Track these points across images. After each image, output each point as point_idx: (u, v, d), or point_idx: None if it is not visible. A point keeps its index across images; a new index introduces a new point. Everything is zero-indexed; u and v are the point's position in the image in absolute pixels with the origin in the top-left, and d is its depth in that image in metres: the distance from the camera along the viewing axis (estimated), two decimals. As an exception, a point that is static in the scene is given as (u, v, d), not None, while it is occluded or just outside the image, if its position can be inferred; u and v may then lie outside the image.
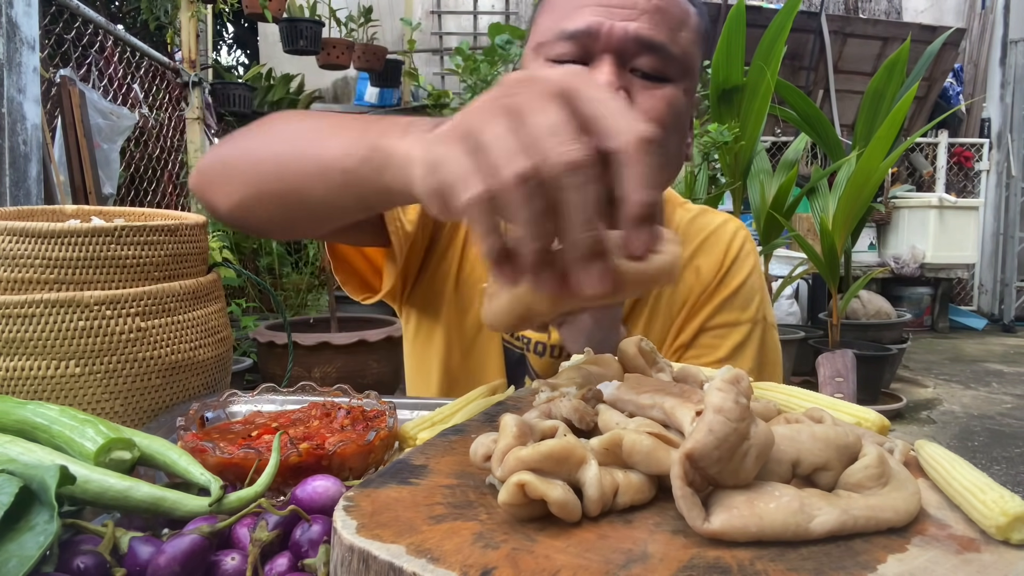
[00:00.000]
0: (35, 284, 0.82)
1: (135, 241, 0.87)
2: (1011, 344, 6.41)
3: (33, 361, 0.81)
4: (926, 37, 5.95)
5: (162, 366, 0.87)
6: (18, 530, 0.48)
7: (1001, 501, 0.44)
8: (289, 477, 0.61)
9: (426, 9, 6.51)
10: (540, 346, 1.03)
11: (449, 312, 1.06)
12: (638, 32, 0.82)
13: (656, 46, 0.82)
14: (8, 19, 2.32)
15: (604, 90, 0.47)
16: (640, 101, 0.83)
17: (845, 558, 0.41)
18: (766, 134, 5.80)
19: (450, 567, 0.38)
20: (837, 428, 0.49)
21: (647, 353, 0.63)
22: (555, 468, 0.44)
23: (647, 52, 0.82)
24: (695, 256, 1.05)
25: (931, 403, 4.55)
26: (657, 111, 0.83)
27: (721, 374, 0.45)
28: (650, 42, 0.82)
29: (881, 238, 6.79)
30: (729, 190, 4.10)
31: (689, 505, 0.42)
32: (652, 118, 0.82)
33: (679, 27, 0.85)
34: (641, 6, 0.83)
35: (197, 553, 0.49)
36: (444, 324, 1.06)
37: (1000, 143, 7.27)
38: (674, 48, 0.84)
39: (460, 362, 1.07)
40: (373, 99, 5.99)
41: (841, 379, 1.16)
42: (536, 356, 1.04)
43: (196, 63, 4.09)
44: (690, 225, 1.07)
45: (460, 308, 1.06)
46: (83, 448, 0.60)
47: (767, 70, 3.70)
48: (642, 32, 0.82)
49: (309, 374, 3.48)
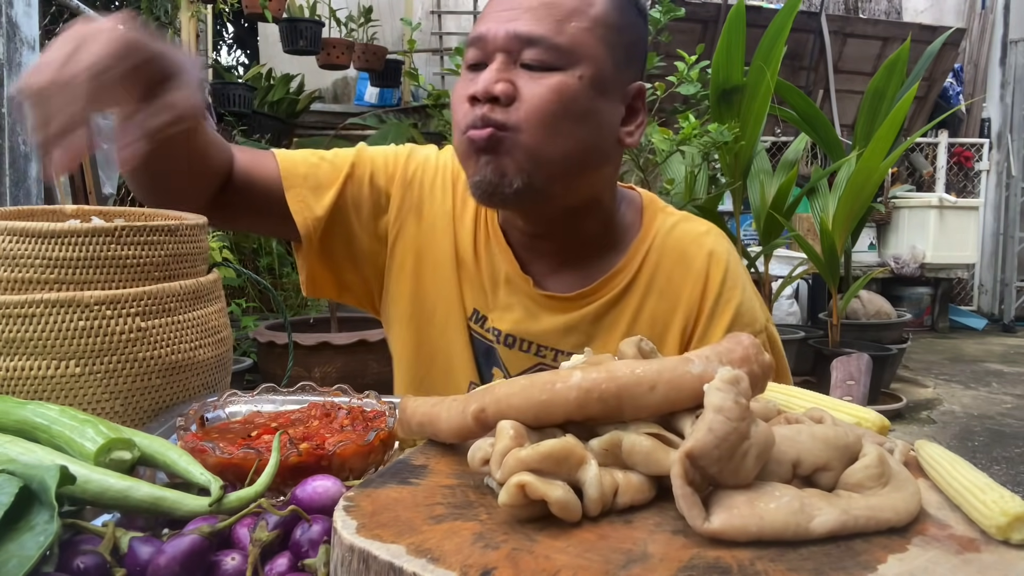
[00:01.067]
0: (35, 284, 0.82)
1: (135, 241, 0.87)
2: (1011, 344, 6.41)
3: (33, 361, 0.81)
4: (926, 37, 5.95)
5: (162, 366, 0.87)
6: (18, 530, 0.48)
7: (1001, 501, 0.44)
8: (289, 477, 0.61)
9: (426, 9, 6.50)
10: (510, 338, 1.04)
11: (413, 303, 1.08)
12: (516, 30, 0.90)
13: (534, 39, 0.89)
14: (8, 19, 2.32)
15: (68, 42, 0.72)
16: (526, 91, 0.90)
17: (845, 558, 0.41)
18: (766, 134, 5.78)
19: (450, 567, 0.38)
20: (837, 428, 0.49)
21: (647, 353, 0.63)
22: (555, 468, 0.45)
23: (528, 46, 0.90)
24: (673, 269, 1.04)
25: (931, 403, 4.55)
26: (540, 98, 0.89)
27: (721, 374, 0.45)
28: (528, 36, 0.89)
29: (881, 238, 6.79)
30: (729, 190, 4.10)
31: (689, 505, 0.42)
32: (535, 105, 0.89)
33: (567, 17, 0.90)
34: (525, 5, 0.90)
35: (197, 553, 0.49)
36: (409, 314, 1.09)
37: (1000, 143, 7.27)
38: (558, 38, 0.89)
39: (431, 351, 1.09)
40: (373, 99, 5.99)
41: (852, 382, 1.15)
42: (505, 348, 1.05)
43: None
44: (668, 235, 1.06)
45: (425, 298, 1.08)
46: (83, 448, 0.59)
47: (767, 70, 3.70)
48: (519, 29, 0.89)
49: (309, 374, 3.48)
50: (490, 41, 0.91)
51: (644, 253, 1.04)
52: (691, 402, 0.48)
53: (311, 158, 1.07)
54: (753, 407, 0.49)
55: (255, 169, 1.04)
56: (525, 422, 0.48)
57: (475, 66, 0.93)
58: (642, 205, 1.09)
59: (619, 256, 1.04)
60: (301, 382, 0.84)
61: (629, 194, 1.11)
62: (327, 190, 1.05)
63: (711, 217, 4.06)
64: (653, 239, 1.05)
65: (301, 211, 1.04)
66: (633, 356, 0.62)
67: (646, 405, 0.48)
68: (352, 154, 1.08)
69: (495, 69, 0.90)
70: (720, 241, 1.07)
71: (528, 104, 0.89)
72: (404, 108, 5.65)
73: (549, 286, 1.04)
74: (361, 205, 1.07)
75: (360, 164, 1.08)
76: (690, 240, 1.05)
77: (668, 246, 1.05)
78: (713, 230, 1.08)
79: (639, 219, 1.07)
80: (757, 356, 0.54)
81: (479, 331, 1.07)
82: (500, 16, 0.92)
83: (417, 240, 1.08)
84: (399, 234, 1.08)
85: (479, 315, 1.06)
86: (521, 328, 1.03)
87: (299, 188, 1.04)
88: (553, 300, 1.03)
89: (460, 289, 1.07)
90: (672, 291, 1.03)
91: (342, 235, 1.07)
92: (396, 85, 5.66)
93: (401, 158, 1.10)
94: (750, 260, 4.24)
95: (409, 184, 1.09)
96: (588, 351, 0.67)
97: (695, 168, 3.84)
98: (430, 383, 1.09)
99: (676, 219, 1.08)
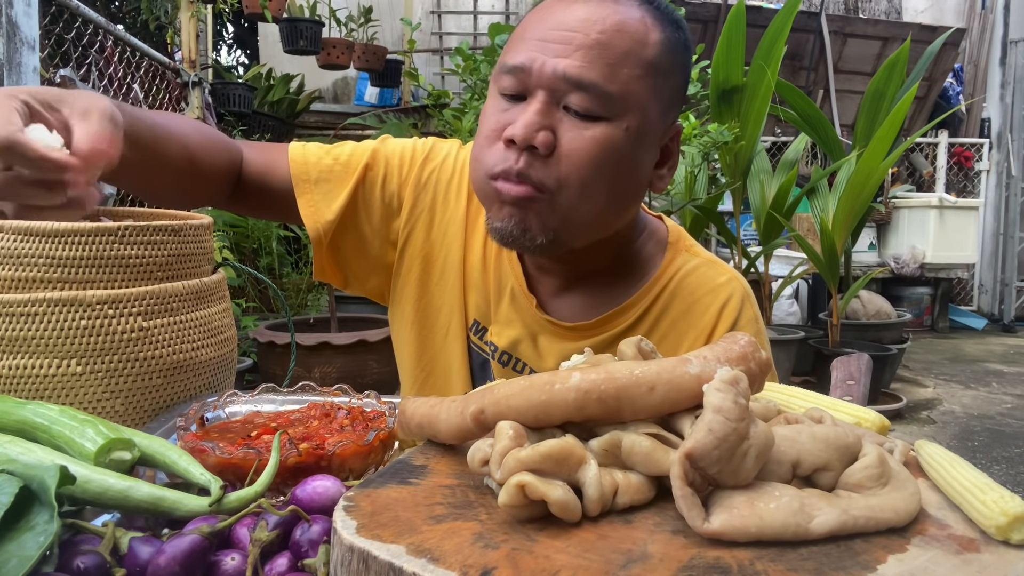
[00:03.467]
0: (38, 283, 0.82)
1: (138, 241, 0.87)
2: (1011, 344, 6.41)
3: (34, 359, 0.81)
4: (926, 37, 5.95)
5: (163, 366, 0.87)
6: (18, 530, 0.48)
7: (1001, 501, 0.44)
8: (289, 477, 0.61)
9: (426, 9, 6.51)
10: (505, 356, 1.02)
11: (418, 308, 1.07)
12: (566, 71, 0.81)
13: (585, 84, 0.81)
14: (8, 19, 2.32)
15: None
16: (566, 140, 0.82)
17: (845, 558, 0.41)
18: (766, 134, 5.79)
19: (450, 567, 0.38)
20: (837, 428, 0.49)
21: (647, 353, 0.63)
22: (554, 469, 0.45)
23: (576, 90, 0.81)
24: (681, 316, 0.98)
25: (931, 403, 4.55)
26: (584, 152, 0.82)
27: (720, 374, 0.45)
28: (578, 81, 0.81)
29: (881, 238, 6.79)
30: (729, 190, 4.10)
31: (689, 505, 0.42)
32: (577, 161, 0.82)
33: (621, 62, 0.82)
34: (578, 41, 0.82)
35: (197, 553, 0.49)
36: (414, 319, 1.07)
37: (1000, 143, 7.27)
38: (609, 86, 0.81)
39: (431, 357, 1.07)
40: (373, 99, 5.99)
41: (853, 382, 1.15)
42: (499, 365, 1.03)
43: (196, 63, 4.09)
44: (685, 278, 0.99)
45: (430, 304, 1.06)
46: (83, 448, 0.60)
47: (767, 70, 3.70)
48: (570, 71, 0.81)
49: (309, 374, 3.48)
50: (534, 76, 0.82)
51: (657, 292, 0.98)
52: (690, 402, 0.48)
53: (325, 159, 1.04)
54: (753, 407, 0.49)
55: (267, 170, 1.03)
56: (524, 423, 0.48)
57: (511, 96, 0.85)
58: (667, 240, 1.03)
59: (631, 290, 0.99)
60: (301, 382, 0.84)
61: (654, 225, 1.05)
62: (338, 194, 1.02)
63: (711, 217, 4.07)
64: (670, 279, 0.99)
65: (311, 215, 1.02)
66: (633, 356, 0.62)
67: (645, 406, 0.48)
68: (367, 154, 1.05)
69: (536, 111, 0.82)
70: (737, 293, 0.99)
71: (568, 159, 0.82)
72: (404, 108, 5.65)
73: (554, 309, 1.00)
74: (372, 209, 1.05)
75: (374, 166, 1.04)
76: (706, 291, 0.98)
77: (682, 290, 0.99)
78: (734, 280, 1.00)
79: (661, 255, 1.01)
80: (754, 354, 0.54)
81: (477, 343, 1.05)
82: (547, 48, 0.83)
83: (427, 245, 1.05)
84: (409, 238, 1.06)
85: (479, 326, 1.04)
86: (517, 348, 1.01)
87: (310, 194, 1.02)
88: (554, 327, 0.99)
89: (464, 298, 1.04)
90: (675, 337, 0.98)
91: (353, 237, 1.05)
92: (396, 85, 5.67)
93: (418, 159, 1.06)
94: (750, 260, 4.24)
95: (423, 187, 1.05)
96: (588, 351, 0.67)
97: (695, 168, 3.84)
98: (428, 388, 1.08)
99: (698, 263, 1.01)
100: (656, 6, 0.88)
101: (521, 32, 0.88)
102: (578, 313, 1.00)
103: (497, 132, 0.85)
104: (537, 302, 1.00)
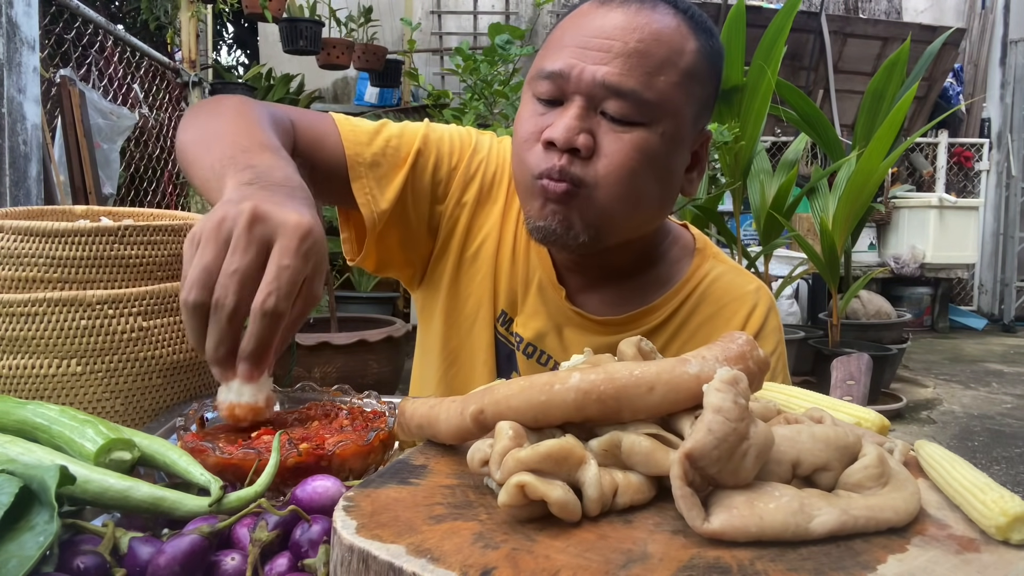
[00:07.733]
0: (38, 283, 0.82)
1: (138, 241, 0.87)
2: (1011, 344, 6.41)
3: (34, 359, 0.81)
4: (926, 37, 5.95)
5: (163, 366, 0.87)
6: (18, 530, 0.48)
7: (1001, 501, 0.44)
8: (289, 477, 0.61)
9: (426, 9, 6.51)
10: (530, 347, 1.03)
11: (449, 296, 1.07)
12: (606, 77, 0.83)
13: (623, 92, 0.83)
14: (8, 19, 2.32)
15: (288, 254, 0.62)
16: (605, 144, 0.85)
17: (845, 558, 0.41)
18: (766, 134, 5.79)
19: (450, 567, 0.38)
20: (837, 428, 0.49)
21: (647, 353, 0.63)
22: (554, 468, 0.45)
23: (615, 97, 0.84)
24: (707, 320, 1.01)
25: (931, 403, 4.55)
26: (621, 154, 0.85)
27: (720, 374, 0.45)
28: (617, 88, 0.83)
29: (881, 238, 6.79)
30: (729, 190, 4.10)
31: (689, 505, 0.42)
32: (616, 162, 0.85)
33: (659, 70, 0.84)
34: (616, 49, 0.84)
35: (197, 553, 0.49)
36: (444, 308, 1.07)
37: (1000, 143, 7.27)
38: (647, 93, 0.84)
39: (457, 346, 1.08)
40: (373, 99, 5.99)
41: (853, 382, 1.15)
42: (524, 357, 1.04)
43: (196, 63, 4.09)
44: (712, 283, 1.02)
45: (460, 293, 1.07)
46: (83, 448, 0.60)
47: (767, 70, 3.70)
48: (609, 78, 0.83)
49: (309, 374, 3.48)
50: (572, 82, 0.85)
51: (685, 296, 1.01)
52: (690, 402, 0.48)
53: (376, 139, 1.01)
54: (752, 407, 0.49)
55: (319, 148, 0.98)
56: (524, 423, 0.48)
57: (548, 101, 0.87)
58: (694, 248, 1.06)
59: (658, 292, 1.01)
60: (301, 382, 0.84)
61: (679, 231, 1.08)
62: (392, 181, 1.01)
63: (711, 217, 4.07)
64: (698, 284, 1.02)
65: (367, 203, 0.99)
66: (633, 357, 0.62)
67: (645, 406, 0.48)
68: (418, 138, 1.03)
69: (575, 116, 0.84)
70: (763, 302, 1.02)
71: (607, 160, 0.85)
72: (404, 108, 5.66)
73: (582, 302, 1.02)
74: (420, 195, 1.04)
75: (425, 151, 1.03)
76: (733, 297, 1.02)
77: (710, 295, 1.02)
78: (761, 290, 1.03)
79: (688, 260, 1.04)
80: (752, 353, 0.54)
81: (504, 334, 1.06)
82: (587, 55, 0.84)
83: (466, 234, 1.06)
84: (451, 226, 1.06)
85: (506, 317, 1.05)
86: (543, 340, 1.02)
87: (364, 179, 0.99)
88: (582, 319, 1.01)
89: (495, 288, 1.05)
90: (700, 340, 1.00)
91: (400, 224, 1.04)
92: (396, 85, 5.67)
93: (467, 149, 1.06)
94: (750, 260, 4.24)
95: (472, 178, 1.05)
96: (588, 351, 0.67)
97: (695, 168, 3.83)
98: (452, 377, 1.08)
99: (725, 269, 1.04)
100: (690, 15, 0.90)
101: (558, 38, 0.89)
102: (606, 309, 1.02)
103: (536, 135, 0.87)
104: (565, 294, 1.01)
